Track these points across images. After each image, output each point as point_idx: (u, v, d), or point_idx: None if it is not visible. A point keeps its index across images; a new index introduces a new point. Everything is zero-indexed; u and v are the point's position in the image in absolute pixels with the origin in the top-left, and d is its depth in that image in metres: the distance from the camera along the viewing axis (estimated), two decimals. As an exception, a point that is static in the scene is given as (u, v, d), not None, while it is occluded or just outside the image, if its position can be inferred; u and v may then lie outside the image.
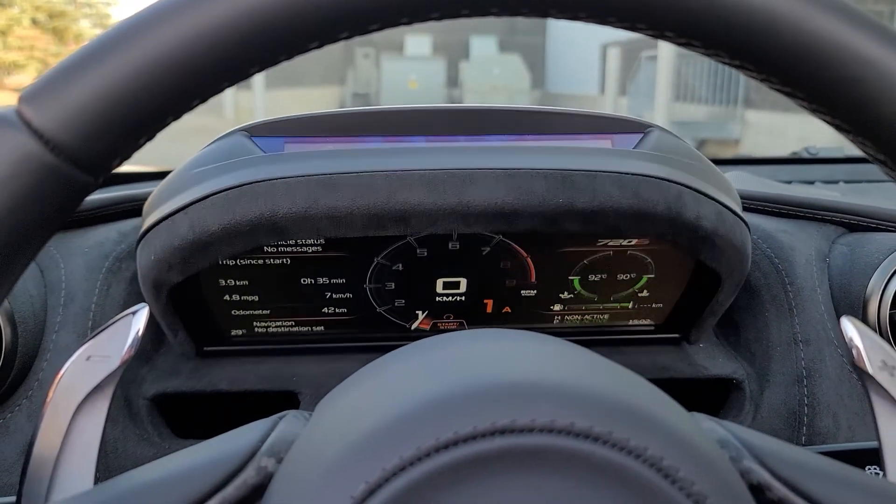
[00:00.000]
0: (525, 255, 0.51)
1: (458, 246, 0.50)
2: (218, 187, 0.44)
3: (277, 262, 0.49)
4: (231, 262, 0.49)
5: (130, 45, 0.21)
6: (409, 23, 0.22)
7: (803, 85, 0.23)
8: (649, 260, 0.52)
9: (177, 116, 0.22)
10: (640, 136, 0.51)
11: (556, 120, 0.51)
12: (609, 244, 0.51)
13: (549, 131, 0.51)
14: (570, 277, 0.53)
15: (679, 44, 0.24)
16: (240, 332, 0.54)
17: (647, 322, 0.57)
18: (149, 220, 0.47)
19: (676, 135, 0.52)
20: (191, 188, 0.45)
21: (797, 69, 0.22)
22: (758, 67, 0.23)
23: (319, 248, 0.49)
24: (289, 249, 0.49)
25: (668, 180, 0.46)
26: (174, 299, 0.48)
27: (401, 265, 0.50)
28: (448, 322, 0.55)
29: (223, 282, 0.50)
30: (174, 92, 0.21)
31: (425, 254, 0.50)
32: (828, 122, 0.24)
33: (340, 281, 0.51)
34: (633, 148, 0.50)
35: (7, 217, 0.20)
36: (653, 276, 0.53)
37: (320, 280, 0.51)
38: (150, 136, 0.22)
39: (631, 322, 0.57)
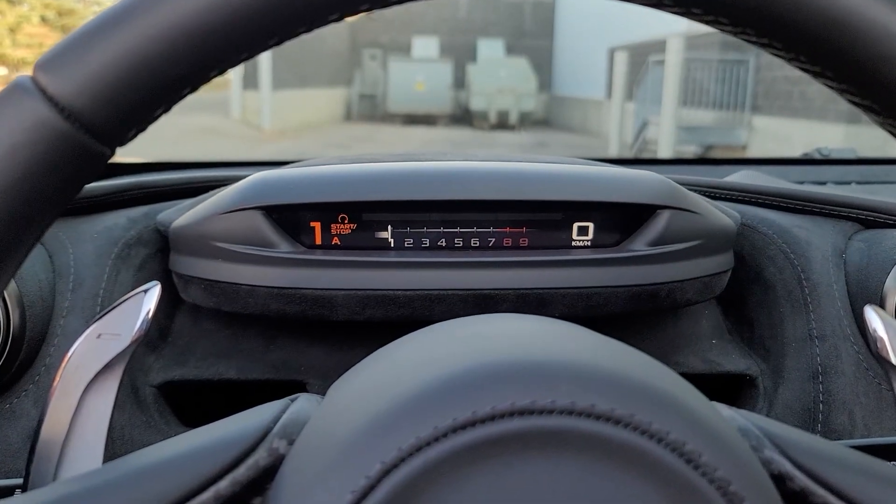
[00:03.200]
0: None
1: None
2: (248, 281, 0.50)
3: None
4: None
5: (148, 13, 0.20)
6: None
7: (831, 64, 0.22)
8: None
9: (194, 88, 0.22)
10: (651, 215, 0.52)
11: (570, 206, 0.52)
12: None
13: (563, 210, 0.53)
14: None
15: (705, 22, 0.23)
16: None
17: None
18: (181, 262, 0.53)
19: (688, 207, 0.52)
20: (220, 263, 0.51)
21: (825, 47, 0.22)
22: (785, 46, 0.22)
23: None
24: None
25: (661, 283, 0.52)
26: None
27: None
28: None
29: None
30: (192, 62, 0.21)
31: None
32: (856, 104, 0.23)
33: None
34: (640, 230, 0.52)
35: (21, 184, 0.20)
36: None
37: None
38: (167, 108, 0.22)
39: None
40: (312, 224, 0.51)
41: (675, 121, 7.43)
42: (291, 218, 0.51)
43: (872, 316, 0.28)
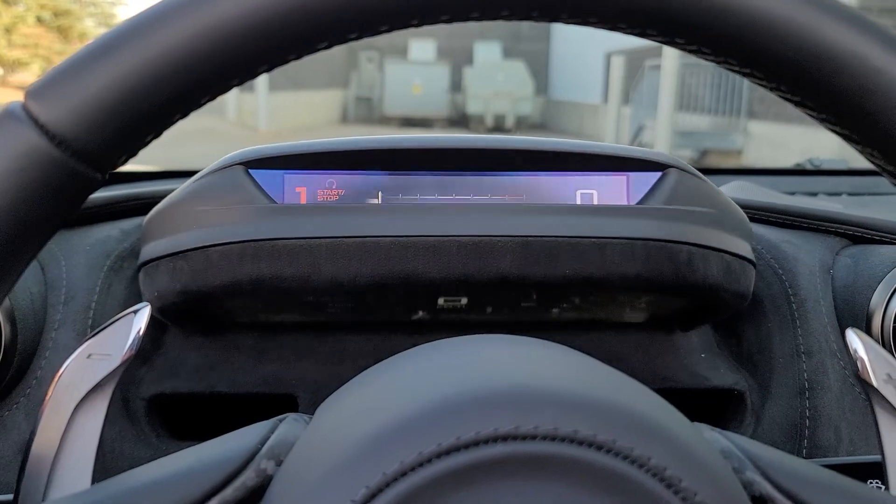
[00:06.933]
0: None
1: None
2: (219, 239, 0.45)
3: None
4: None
5: (138, 42, 0.20)
6: (419, 24, 0.22)
7: (812, 95, 0.23)
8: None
9: (184, 114, 0.22)
10: (658, 175, 0.49)
11: (571, 158, 0.50)
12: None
13: (564, 168, 0.50)
14: (571, 297, 0.52)
15: (689, 51, 0.23)
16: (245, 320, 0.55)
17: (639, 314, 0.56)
18: (150, 248, 0.49)
19: (696, 173, 0.50)
20: (192, 229, 0.46)
21: (806, 79, 0.22)
22: (767, 76, 0.23)
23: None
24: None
25: (679, 242, 0.47)
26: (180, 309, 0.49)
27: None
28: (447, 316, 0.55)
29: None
30: (182, 89, 0.21)
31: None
32: (837, 133, 0.24)
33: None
34: (649, 191, 0.49)
35: (12, 211, 0.20)
36: (651, 297, 0.53)
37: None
38: (157, 134, 0.22)
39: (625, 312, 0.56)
40: (298, 190, 0.48)
41: (671, 125, 7.45)
42: (275, 184, 0.48)
43: (853, 338, 0.29)
